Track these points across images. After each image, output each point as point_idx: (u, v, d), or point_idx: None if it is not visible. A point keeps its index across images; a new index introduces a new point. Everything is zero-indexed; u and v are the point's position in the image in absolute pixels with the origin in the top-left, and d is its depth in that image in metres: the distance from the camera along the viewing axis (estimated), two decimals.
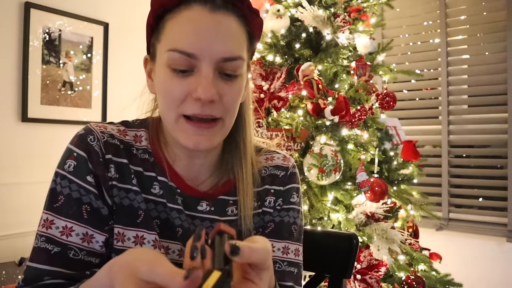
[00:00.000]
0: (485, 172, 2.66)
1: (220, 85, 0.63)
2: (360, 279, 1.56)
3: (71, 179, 0.64)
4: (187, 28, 0.61)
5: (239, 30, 0.64)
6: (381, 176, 1.83)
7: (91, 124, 0.69)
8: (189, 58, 0.61)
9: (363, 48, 1.89)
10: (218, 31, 0.61)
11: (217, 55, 0.61)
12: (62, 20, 2.16)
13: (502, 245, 2.44)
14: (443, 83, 2.72)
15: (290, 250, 0.76)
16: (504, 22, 2.53)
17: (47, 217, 0.64)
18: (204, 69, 0.61)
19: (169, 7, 0.63)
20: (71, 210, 0.64)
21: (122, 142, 0.70)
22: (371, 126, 1.82)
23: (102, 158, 0.66)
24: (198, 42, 0.60)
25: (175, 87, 0.62)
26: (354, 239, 0.93)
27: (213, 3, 0.61)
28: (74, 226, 0.64)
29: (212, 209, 0.73)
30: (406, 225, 1.93)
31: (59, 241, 0.63)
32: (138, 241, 0.67)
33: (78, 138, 0.67)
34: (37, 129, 2.06)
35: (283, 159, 0.81)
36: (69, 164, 0.65)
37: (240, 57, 0.63)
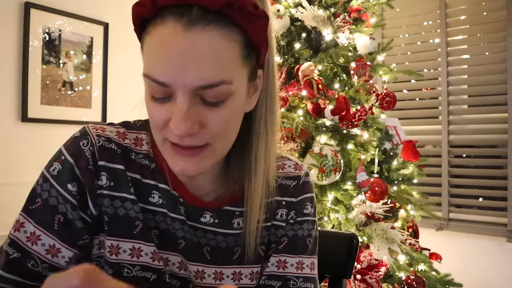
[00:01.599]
0: (485, 172, 2.66)
1: (202, 113, 0.54)
2: (360, 279, 1.56)
3: (52, 184, 0.60)
4: (158, 52, 0.52)
5: (225, 45, 0.52)
6: (381, 176, 1.83)
7: (89, 126, 0.65)
8: (163, 87, 0.53)
9: (363, 48, 1.89)
10: (192, 55, 0.51)
11: (191, 84, 0.52)
12: (62, 20, 2.16)
13: (502, 245, 2.44)
14: (443, 83, 2.72)
15: (305, 264, 0.72)
16: (504, 22, 2.53)
17: (19, 218, 0.61)
18: (179, 98, 0.53)
19: (147, 18, 0.54)
20: (44, 217, 0.59)
21: (120, 146, 0.64)
22: (371, 126, 1.82)
23: (93, 165, 0.61)
24: (170, 70, 0.51)
25: (155, 113, 0.56)
26: (354, 239, 0.93)
27: (189, 17, 0.51)
28: (42, 235, 0.59)
29: (216, 221, 0.67)
30: (406, 225, 1.93)
31: (22, 247, 0.58)
32: (134, 253, 0.62)
33: (71, 141, 0.63)
34: (37, 129, 2.06)
35: (294, 167, 0.75)
36: (54, 167, 0.61)
37: (224, 81, 0.53)
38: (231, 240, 0.68)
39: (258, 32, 0.56)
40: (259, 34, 0.56)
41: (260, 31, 0.56)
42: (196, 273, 0.66)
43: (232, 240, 0.68)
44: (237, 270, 0.68)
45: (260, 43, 0.57)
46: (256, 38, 0.56)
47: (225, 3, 0.51)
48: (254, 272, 0.70)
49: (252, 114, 0.64)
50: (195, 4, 0.51)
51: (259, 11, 0.54)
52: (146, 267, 0.62)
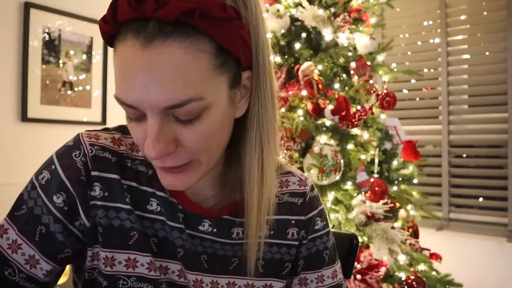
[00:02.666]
0: (485, 172, 2.66)
1: (178, 131, 0.51)
2: (360, 279, 1.55)
3: (39, 193, 0.58)
4: (122, 72, 0.49)
5: (189, 58, 0.47)
6: (381, 176, 1.83)
7: (83, 134, 0.62)
8: (133, 109, 0.50)
9: (363, 48, 1.89)
10: (153, 75, 0.47)
11: (158, 105, 0.48)
12: (62, 20, 2.16)
13: (502, 245, 2.44)
14: (443, 83, 2.72)
15: (325, 276, 0.73)
16: (504, 22, 2.53)
17: (3, 224, 0.59)
18: (149, 120, 0.50)
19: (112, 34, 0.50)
20: (27, 226, 0.58)
21: (115, 154, 0.61)
22: (371, 126, 1.82)
23: (85, 176, 0.58)
24: (134, 91, 0.48)
25: (134, 132, 0.54)
26: (354, 239, 0.93)
27: (146, 33, 0.46)
28: (23, 245, 0.57)
29: (215, 230, 0.65)
30: (406, 225, 1.93)
31: (2, 254, 0.57)
32: (130, 264, 0.60)
33: (63, 150, 0.61)
34: (36, 129, 2.06)
35: (299, 183, 0.73)
36: (44, 175, 0.59)
37: (191, 99, 0.48)
38: (228, 249, 0.66)
39: (230, 36, 0.50)
40: (231, 38, 0.50)
41: (232, 35, 0.50)
42: (195, 282, 0.64)
43: (229, 249, 0.66)
44: (231, 280, 0.67)
45: (235, 47, 0.51)
46: (228, 43, 0.50)
47: (184, 11, 0.46)
48: (250, 285, 0.68)
49: (245, 117, 0.59)
50: (152, 17, 0.46)
51: (228, 12, 0.49)
52: (142, 277, 0.61)
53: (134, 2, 0.46)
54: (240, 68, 0.55)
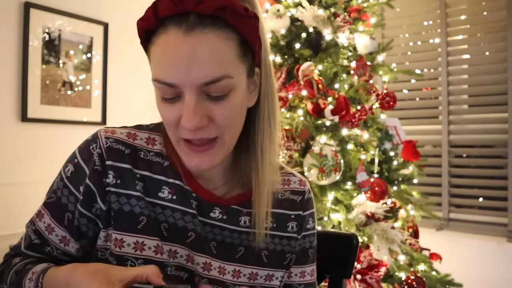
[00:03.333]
0: (485, 172, 2.66)
1: (209, 107, 0.60)
2: (360, 279, 1.55)
3: (65, 184, 0.68)
4: (165, 57, 0.59)
5: (222, 44, 0.59)
6: (381, 176, 1.83)
7: (100, 129, 0.70)
8: (172, 88, 0.59)
9: (363, 48, 1.89)
10: (194, 56, 0.57)
11: (196, 81, 0.58)
12: (62, 20, 2.16)
13: (502, 245, 2.44)
14: (443, 83, 2.72)
15: (306, 272, 0.81)
16: (504, 22, 2.53)
17: (40, 209, 0.70)
18: (186, 96, 0.59)
19: (150, 29, 0.61)
20: (56, 212, 0.68)
21: (129, 147, 0.69)
22: (371, 126, 1.82)
23: (100, 165, 0.67)
24: (176, 72, 0.58)
25: (167, 113, 0.62)
26: (354, 239, 0.93)
27: (188, 23, 0.57)
28: (56, 228, 0.68)
29: (224, 217, 0.72)
30: (406, 225, 1.93)
31: (41, 235, 0.69)
32: (138, 247, 0.66)
33: (83, 144, 0.70)
34: (37, 129, 2.06)
35: (299, 183, 0.81)
36: (68, 168, 0.69)
37: (225, 76, 0.59)
38: (236, 237, 0.72)
39: (250, 31, 0.62)
40: (252, 32, 0.62)
41: (252, 30, 0.62)
42: (204, 264, 0.70)
43: (237, 237, 0.73)
44: (237, 268, 0.72)
45: (253, 41, 0.63)
46: (249, 37, 0.62)
47: (218, 7, 0.57)
48: (254, 273, 0.74)
49: (255, 109, 0.69)
50: (192, 12, 0.57)
51: (249, 12, 0.61)
52: (149, 260, 0.66)
53: (177, 0, 0.57)
54: (254, 63, 0.66)
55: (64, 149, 2.17)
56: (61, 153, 0.62)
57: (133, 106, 2.46)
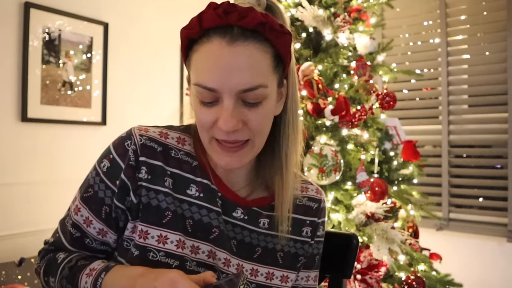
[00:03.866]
0: (485, 172, 2.66)
1: (244, 112, 0.66)
2: (360, 279, 1.55)
3: (102, 179, 0.73)
4: (208, 64, 0.65)
5: (260, 56, 0.66)
6: (381, 176, 1.83)
7: (135, 127, 0.75)
8: (212, 92, 0.65)
9: (363, 48, 1.89)
10: (236, 64, 0.63)
11: (236, 88, 0.64)
12: (62, 20, 2.16)
13: (502, 245, 2.44)
14: (443, 83, 2.72)
15: (310, 277, 0.86)
16: (504, 22, 2.52)
17: (77, 204, 0.75)
18: (225, 101, 0.65)
19: (194, 38, 0.67)
20: (94, 205, 0.73)
21: (161, 145, 0.74)
22: (371, 126, 1.82)
23: (135, 161, 0.71)
24: (218, 78, 0.64)
25: (204, 116, 0.67)
26: (354, 239, 0.93)
27: (231, 35, 0.64)
28: (94, 221, 0.73)
29: (246, 218, 0.77)
30: (406, 225, 1.93)
31: (80, 228, 0.74)
32: (161, 240, 0.70)
33: (118, 141, 0.74)
34: (37, 129, 2.06)
35: (316, 191, 0.86)
36: (104, 163, 0.73)
37: (261, 85, 0.65)
38: (254, 237, 0.77)
39: (284, 46, 0.69)
40: (285, 47, 0.69)
41: (285, 45, 0.69)
42: (225, 260, 0.74)
43: (255, 238, 0.77)
44: (255, 267, 0.77)
45: (286, 55, 0.70)
46: (282, 50, 0.69)
47: (259, 22, 0.64)
48: (270, 273, 0.78)
49: (280, 117, 0.76)
50: (235, 25, 0.64)
51: (284, 29, 0.68)
52: (170, 254, 0.70)
53: (222, 13, 0.64)
54: (283, 74, 0.72)
55: (64, 149, 2.18)
56: (61, 153, 0.62)
57: (133, 106, 2.46)
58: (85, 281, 0.68)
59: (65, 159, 2.10)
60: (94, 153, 2.08)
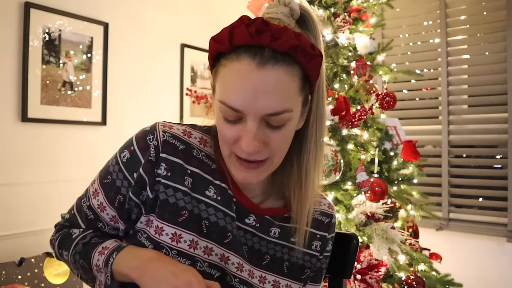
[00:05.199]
0: (485, 172, 2.66)
1: (267, 134, 0.65)
2: (360, 279, 1.55)
3: (121, 168, 0.73)
4: (235, 83, 0.63)
5: (288, 80, 0.63)
6: (381, 176, 1.83)
7: (159, 122, 0.75)
8: (236, 113, 0.64)
9: (363, 48, 1.89)
10: (264, 88, 0.62)
11: (261, 112, 0.63)
12: (62, 20, 2.15)
13: (502, 245, 2.44)
14: (443, 83, 2.72)
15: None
16: (504, 22, 2.53)
17: (96, 188, 0.76)
18: (249, 122, 0.64)
19: (223, 53, 0.65)
20: (110, 193, 0.74)
21: (184, 143, 0.73)
22: (371, 126, 1.82)
23: (155, 156, 0.71)
24: (244, 99, 0.62)
25: (226, 132, 0.66)
26: (354, 239, 0.93)
27: (262, 57, 0.62)
28: (107, 207, 0.75)
29: (257, 225, 0.76)
30: (406, 225, 1.93)
31: (95, 211, 0.76)
32: (175, 238, 0.70)
33: (141, 134, 0.74)
34: (37, 129, 2.06)
35: (328, 206, 0.86)
36: (124, 154, 0.74)
37: (286, 110, 0.64)
38: (263, 245, 0.77)
39: (314, 68, 0.66)
40: (315, 69, 0.67)
41: (315, 67, 0.66)
42: (238, 264, 0.74)
43: (264, 245, 0.77)
44: (263, 274, 0.77)
45: (314, 77, 0.67)
46: (311, 73, 0.66)
47: (292, 46, 0.61)
48: (276, 281, 0.78)
49: (303, 130, 0.73)
50: (267, 46, 0.62)
51: (316, 51, 0.65)
52: (182, 253, 0.70)
53: (255, 32, 0.61)
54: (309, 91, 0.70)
55: (64, 149, 2.18)
56: (61, 153, 0.62)
57: (133, 106, 2.46)
58: (97, 259, 0.70)
59: (65, 159, 2.10)
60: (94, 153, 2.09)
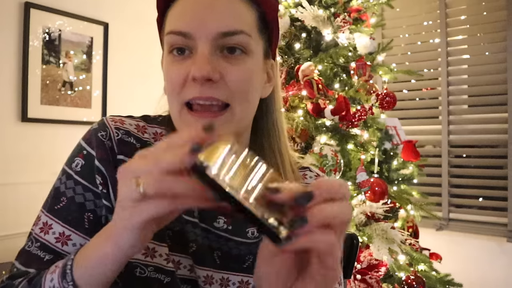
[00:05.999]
0: (485, 172, 2.66)
1: (221, 64, 0.56)
2: (360, 279, 1.55)
3: (77, 180, 0.59)
4: (183, 9, 0.57)
5: (243, 7, 0.58)
6: (381, 176, 1.83)
7: (107, 118, 0.63)
8: (185, 38, 0.56)
9: (363, 48, 1.89)
10: (213, 7, 0.56)
11: (212, 31, 0.55)
12: (62, 20, 2.16)
13: (502, 245, 2.44)
14: (443, 83, 2.72)
15: None
16: (504, 22, 2.52)
17: (46, 220, 0.59)
18: (200, 47, 0.56)
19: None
20: (71, 215, 0.58)
21: (140, 141, 0.63)
22: (371, 126, 1.82)
23: (113, 159, 0.60)
24: (193, 21, 0.56)
25: (174, 72, 0.58)
26: (354, 239, 0.93)
27: None
28: (72, 235, 0.58)
29: (230, 228, 0.65)
30: (406, 225, 1.92)
31: (53, 249, 0.57)
32: (149, 253, 0.59)
33: (90, 134, 0.62)
34: (37, 129, 2.06)
35: (315, 176, 0.75)
36: (77, 162, 0.60)
37: (243, 31, 0.57)
38: (243, 249, 0.66)
39: (271, 9, 0.61)
40: (272, 11, 0.62)
41: (272, 10, 0.62)
42: (205, 278, 0.64)
43: (245, 249, 0.66)
44: (245, 279, 0.66)
45: (272, 21, 0.62)
46: (269, 14, 0.61)
47: None
48: None
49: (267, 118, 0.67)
50: None
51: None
52: (159, 268, 0.60)
53: None
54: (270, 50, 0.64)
55: (64, 149, 2.17)
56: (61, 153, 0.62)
57: (133, 106, 2.46)
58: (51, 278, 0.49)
59: (65, 159, 2.10)
60: None
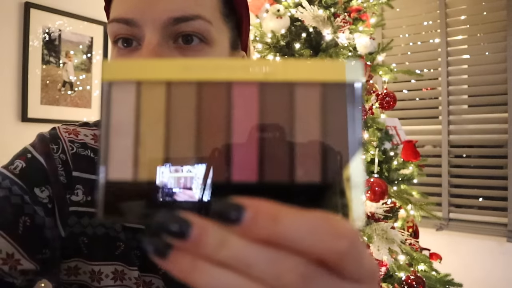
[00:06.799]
0: (485, 172, 2.66)
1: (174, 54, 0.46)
2: None
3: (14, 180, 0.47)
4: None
5: None
6: (381, 176, 1.83)
7: (59, 127, 0.55)
8: (129, 26, 0.46)
9: (363, 48, 1.89)
10: None
11: (161, 16, 0.44)
12: (62, 20, 2.16)
13: (502, 245, 2.44)
14: (443, 83, 2.72)
15: None
16: (504, 22, 2.53)
17: None
18: (147, 36, 0.45)
19: None
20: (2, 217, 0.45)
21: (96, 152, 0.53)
22: (371, 126, 1.82)
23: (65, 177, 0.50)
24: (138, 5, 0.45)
25: None
26: None
27: None
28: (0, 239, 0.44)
29: None
30: (406, 225, 1.93)
31: None
32: (118, 276, 0.52)
33: (38, 139, 0.53)
34: (37, 129, 2.06)
35: None
36: (16, 164, 0.49)
37: (199, 16, 0.45)
38: None
39: None
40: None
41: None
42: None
43: None
44: None
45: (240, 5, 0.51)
46: None
47: None
48: None
49: None
50: None
51: None
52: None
53: None
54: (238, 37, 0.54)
55: None
56: None
57: None
58: None
59: None
60: None
